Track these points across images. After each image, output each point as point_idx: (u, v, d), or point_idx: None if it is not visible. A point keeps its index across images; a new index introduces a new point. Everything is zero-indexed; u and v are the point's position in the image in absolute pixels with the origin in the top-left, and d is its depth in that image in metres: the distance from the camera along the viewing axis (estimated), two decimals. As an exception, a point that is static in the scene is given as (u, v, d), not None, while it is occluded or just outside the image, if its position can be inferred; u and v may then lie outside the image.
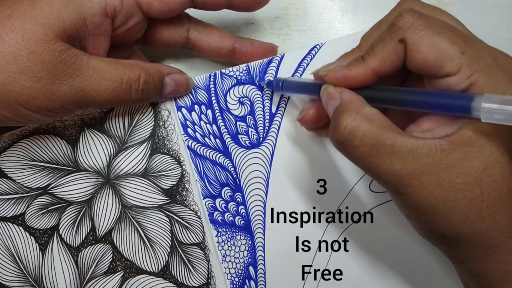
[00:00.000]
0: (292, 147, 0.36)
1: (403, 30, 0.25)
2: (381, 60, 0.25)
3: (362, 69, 0.26)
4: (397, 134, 0.24)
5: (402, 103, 0.25)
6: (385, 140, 0.24)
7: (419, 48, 0.24)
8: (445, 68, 0.24)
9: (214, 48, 0.35)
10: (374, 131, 0.24)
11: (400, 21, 0.25)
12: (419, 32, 0.24)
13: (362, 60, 0.26)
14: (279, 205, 0.35)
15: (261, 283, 0.35)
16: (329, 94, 0.27)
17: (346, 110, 0.25)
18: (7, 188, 0.35)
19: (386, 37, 0.25)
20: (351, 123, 0.24)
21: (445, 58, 0.24)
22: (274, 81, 0.34)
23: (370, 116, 0.24)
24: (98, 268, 0.35)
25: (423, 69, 0.25)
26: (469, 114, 0.22)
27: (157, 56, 0.38)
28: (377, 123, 0.24)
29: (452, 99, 0.23)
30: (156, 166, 0.36)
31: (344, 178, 0.35)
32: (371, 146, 0.24)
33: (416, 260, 0.35)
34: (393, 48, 0.25)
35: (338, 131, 0.25)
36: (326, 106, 0.27)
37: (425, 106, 0.24)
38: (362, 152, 0.24)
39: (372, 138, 0.24)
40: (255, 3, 0.35)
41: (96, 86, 0.30)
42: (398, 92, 0.25)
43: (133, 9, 0.31)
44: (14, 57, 0.27)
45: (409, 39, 0.24)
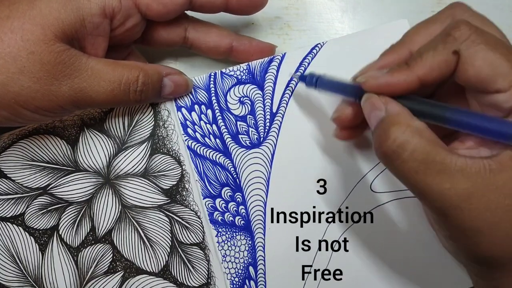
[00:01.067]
0: (292, 147, 0.36)
1: (459, 41, 0.24)
2: (429, 68, 0.25)
3: (406, 75, 0.25)
4: (447, 151, 0.23)
5: (443, 120, 0.24)
6: (435, 156, 0.23)
7: (473, 62, 0.24)
8: (497, 84, 0.23)
9: (212, 47, 0.35)
10: (424, 146, 0.23)
11: (457, 33, 0.24)
12: (475, 46, 0.24)
13: (406, 66, 0.25)
14: (279, 205, 0.35)
15: (261, 283, 0.35)
16: (373, 104, 0.26)
17: (396, 123, 0.24)
18: (6, 188, 0.35)
19: (439, 46, 0.25)
20: (401, 136, 0.23)
21: (499, 74, 0.23)
22: (307, 75, 0.33)
23: (420, 130, 0.24)
24: (98, 268, 0.35)
25: (473, 83, 0.24)
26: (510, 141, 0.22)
27: (157, 55, 0.38)
28: (427, 138, 0.23)
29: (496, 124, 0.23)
30: (156, 166, 0.36)
31: (345, 178, 0.35)
32: (420, 162, 0.23)
33: (416, 260, 0.35)
34: (445, 58, 0.25)
35: (386, 143, 0.24)
36: (369, 116, 0.26)
37: (466, 127, 0.24)
38: (411, 167, 0.23)
39: (422, 153, 0.23)
40: (252, 6, 0.34)
41: (94, 87, 0.30)
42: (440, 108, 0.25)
43: (131, 10, 0.31)
44: (13, 57, 0.27)
45: (464, 52, 0.24)
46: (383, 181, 0.35)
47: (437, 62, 0.25)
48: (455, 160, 0.23)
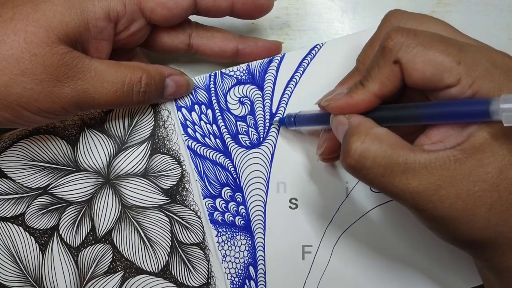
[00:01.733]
0: (292, 147, 0.36)
1: (395, 51, 0.24)
2: (380, 83, 0.25)
3: (363, 95, 0.26)
4: (409, 150, 0.24)
5: (416, 118, 0.25)
6: (397, 158, 0.23)
7: (414, 66, 0.24)
8: (445, 80, 0.23)
9: (217, 52, 0.35)
10: (385, 150, 0.24)
11: (390, 43, 0.24)
12: (411, 50, 0.24)
13: (362, 86, 0.26)
14: (279, 205, 0.35)
15: (261, 283, 0.35)
16: (338, 121, 0.27)
17: (355, 133, 0.25)
18: (7, 188, 0.35)
19: (380, 61, 0.25)
20: (360, 146, 0.24)
21: (443, 71, 0.23)
22: (285, 118, 0.34)
23: (379, 136, 0.24)
24: (98, 268, 0.35)
25: (422, 85, 0.24)
26: (488, 118, 0.22)
27: (158, 56, 0.38)
28: (387, 142, 0.24)
29: (469, 106, 0.23)
30: (156, 166, 0.36)
31: (345, 178, 0.35)
32: (384, 167, 0.24)
33: (416, 260, 0.35)
34: (389, 70, 0.25)
35: (349, 154, 0.24)
36: (337, 133, 0.27)
37: (440, 117, 0.24)
38: (376, 173, 0.24)
39: (384, 158, 0.24)
40: (257, 11, 0.34)
41: (97, 88, 0.29)
42: (411, 108, 0.25)
43: (136, 14, 0.31)
44: (16, 59, 0.27)
45: (403, 59, 0.24)
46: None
47: (385, 76, 0.25)
48: (418, 158, 0.23)
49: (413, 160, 0.23)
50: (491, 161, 0.23)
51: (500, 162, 0.23)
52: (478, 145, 0.23)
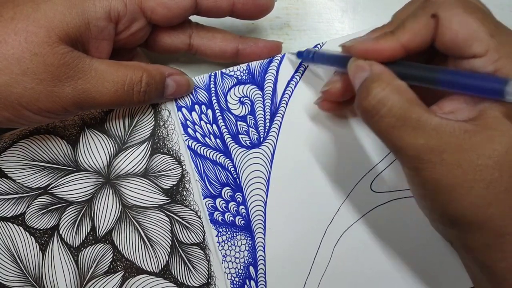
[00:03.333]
0: (292, 147, 0.36)
1: (436, 5, 0.25)
2: (411, 34, 0.25)
3: (391, 42, 0.26)
4: (424, 110, 0.24)
5: (434, 81, 0.25)
6: (412, 113, 0.24)
7: (450, 25, 0.24)
8: (473, 48, 0.24)
9: (217, 52, 0.35)
10: (402, 103, 0.24)
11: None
12: (452, 9, 0.24)
13: (391, 34, 0.26)
14: (279, 205, 0.35)
15: (262, 283, 0.35)
16: (358, 66, 0.27)
17: (377, 80, 0.25)
18: (7, 188, 0.35)
19: (419, 11, 0.25)
20: (381, 92, 0.24)
21: (475, 38, 0.24)
22: (304, 51, 0.34)
23: (400, 88, 0.24)
24: (98, 268, 0.35)
25: (451, 48, 0.25)
26: (501, 97, 0.22)
27: (159, 57, 0.38)
28: (406, 96, 0.24)
29: (486, 81, 0.23)
30: (156, 166, 0.36)
31: (345, 178, 0.35)
32: (397, 118, 0.24)
33: (416, 260, 0.35)
34: (425, 22, 0.25)
35: (367, 98, 0.25)
36: (354, 77, 0.27)
37: (457, 86, 0.24)
38: (388, 122, 0.24)
39: (400, 110, 0.24)
40: (258, 12, 0.35)
41: (98, 88, 0.30)
42: (430, 70, 0.25)
43: (136, 14, 0.31)
44: (16, 59, 0.27)
45: (441, 14, 0.24)
46: (383, 181, 0.35)
47: (418, 28, 0.25)
48: (431, 119, 0.24)
49: (426, 119, 0.24)
50: (500, 140, 0.23)
51: (509, 142, 0.23)
52: (491, 122, 0.23)
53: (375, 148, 0.36)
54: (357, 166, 0.35)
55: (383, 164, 0.35)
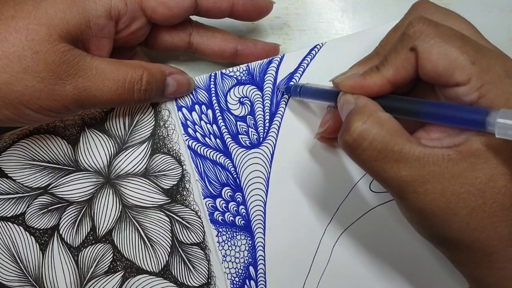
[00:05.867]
0: (292, 147, 0.36)
1: (413, 38, 0.24)
2: (395, 69, 0.25)
3: (377, 78, 0.26)
4: (406, 140, 0.24)
5: (417, 114, 0.25)
6: (394, 146, 0.24)
7: (429, 57, 0.24)
8: (455, 77, 0.23)
9: (216, 52, 0.36)
10: (383, 135, 0.24)
11: (411, 30, 0.25)
12: (429, 40, 0.24)
13: (377, 70, 0.26)
14: (279, 205, 0.35)
15: (261, 283, 0.35)
16: (345, 99, 0.27)
17: (359, 113, 0.25)
18: (7, 188, 0.35)
19: (398, 46, 0.25)
20: (361, 126, 0.24)
21: (455, 67, 0.23)
22: (292, 86, 0.34)
23: (381, 120, 0.24)
24: (98, 268, 0.35)
25: (433, 78, 0.24)
26: (483, 128, 0.22)
27: (158, 56, 0.38)
28: (388, 128, 0.24)
29: (467, 113, 0.23)
30: (156, 166, 0.36)
31: (344, 178, 0.35)
32: (379, 151, 0.24)
33: (416, 260, 0.35)
34: (405, 57, 0.25)
35: (348, 132, 0.25)
36: (341, 111, 0.27)
37: (439, 118, 0.24)
38: (370, 156, 0.24)
39: (381, 143, 0.24)
40: (257, 13, 0.35)
41: (99, 86, 0.30)
42: (414, 103, 0.25)
43: (137, 13, 0.31)
44: (17, 57, 0.27)
45: (419, 48, 0.24)
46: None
47: (400, 62, 0.25)
48: (413, 149, 0.24)
49: (408, 151, 0.24)
50: (483, 168, 0.23)
51: (492, 170, 0.23)
52: (474, 150, 0.23)
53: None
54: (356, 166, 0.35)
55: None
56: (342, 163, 0.35)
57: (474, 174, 0.23)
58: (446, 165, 0.23)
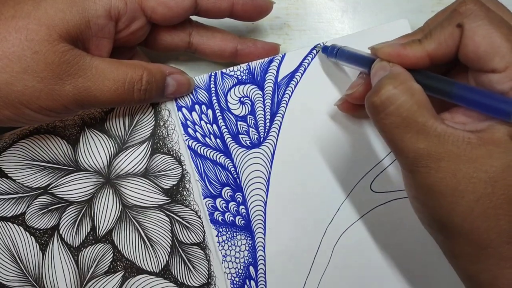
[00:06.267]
0: (293, 147, 0.36)
1: (463, 15, 0.25)
2: (437, 44, 0.26)
3: (417, 50, 0.26)
4: (431, 115, 0.24)
5: (448, 94, 0.25)
6: (418, 117, 0.24)
7: (473, 36, 0.24)
8: (493, 63, 0.24)
9: (216, 51, 0.36)
10: (411, 104, 0.24)
11: (462, 7, 0.25)
12: (478, 20, 0.24)
13: (418, 42, 0.26)
14: (279, 205, 0.35)
15: (262, 283, 0.35)
16: (380, 65, 0.27)
17: (392, 78, 0.25)
18: (7, 188, 0.35)
19: (445, 21, 0.26)
20: (392, 90, 0.24)
21: (496, 52, 0.23)
22: (329, 47, 0.34)
23: (412, 89, 0.25)
24: (99, 268, 0.35)
25: (472, 59, 0.25)
26: (508, 119, 0.22)
27: (158, 56, 0.38)
28: (417, 98, 0.24)
29: (496, 101, 0.23)
30: (156, 166, 0.36)
31: (345, 178, 0.35)
32: (403, 118, 0.24)
33: (417, 260, 0.35)
34: (450, 32, 0.25)
35: (377, 94, 0.25)
36: (374, 76, 0.27)
37: (469, 102, 0.24)
38: (393, 121, 0.24)
39: (407, 111, 0.24)
40: (257, 13, 0.35)
41: (99, 86, 0.30)
42: (447, 83, 0.25)
43: (137, 13, 0.31)
44: (17, 57, 0.27)
45: (466, 25, 0.24)
46: (383, 181, 0.35)
47: (443, 37, 0.25)
48: (436, 125, 0.24)
49: (431, 125, 0.24)
50: (500, 157, 0.23)
51: (508, 161, 0.23)
52: (495, 138, 0.23)
53: (375, 148, 0.36)
54: (357, 166, 0.35)
55: (383, 165, 0.35)
56: (343, 163, 0.35)
57: (490, 161, 0.23)
58: (464, 147, 0.23)
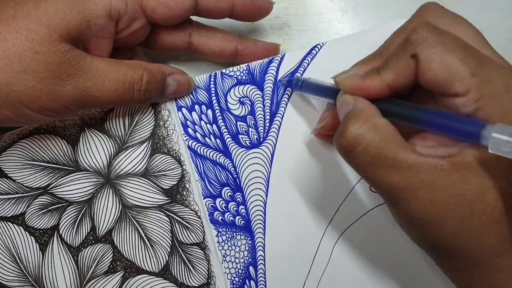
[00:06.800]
0: (292, 147, 0.36)
1: (415, 45, 0.24)
2: (395, 75, 0.25)
3: (376, 81, 0.26)
4: (400, 148, 0.24)
5: (414, 120, 0.25)
6: (388, 152, 0.24)
7: (430, 65, 0.24)
8: (454, 88, 0.23)
9: (216, 51, 0.36)
10: (378, 141, 0.24)
11: (414, 36, 0.24)
12: (431, 48, 0.24)
13: (377, 73, 0.26)
14: (279, 205, 0.35)
15: (261, 283, 0.35)
16: (344, 100, 0.27)
17: (356, 116, 0.25)
18: (7, 188, 0.35)
19: (400, 52, 0.25)
20: (357, 130, 0.24)
21: (455, 78, 0.23)
22: (294, 79, 0.34)
23: (377, 125, 0.24)
24: (98, 268, 0.35)
25: (432, 86, 0.24)
26: (477, 141, 0.22)
27: (158, 56, 0.38)
28: (383, 134, 0.24)
29: (463, 124, 0.23)
30: (156, 166, 0.36)
31: (344, 178, 0.35)
32: (372, 156, 0.24)
33: (415, 261, 0.35)
34: (406, 63, 0.25)
35: (343, 136, 0.25)
36: (339, 111, 0.27)
37: (435, 127, 0.24)
38: (364, 160, 0.24)
39: (375, 148, 0.24)
40: (257, 13, 0.35)
41: (99, 86, 0.30)
42: (412, 109, 0.25)
43: (137, 13, 0.31)
44: (17, 57, 0.27)
45: (420, 55, 0.24)
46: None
47: (400, 68, 0.25)
48: (407, 157, 0.24)
49: (401, 158, 0.24)
50: (474, 180, 0.23)
51: (484, 183, 0.23)
52: (467, 162, 0.23)
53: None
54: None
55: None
56: (342, 163, 0.35)
57: (465, 186, 0.23)
58: (438, 175, 0.23)
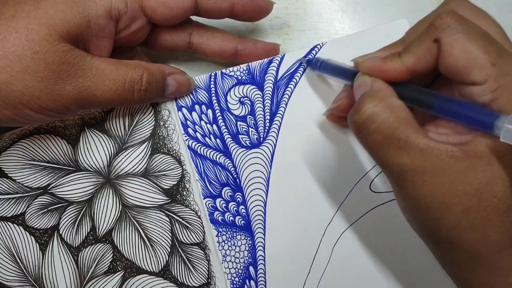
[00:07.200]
0: (292, 147, 0.36)
1: (439, 30, 0.24)
2: (416, 58, 0.25)
3: (397, 64, 0.26)
4: (413, 130, 0.24)
5: (429, 106, 0.25)
6: (400, 133, 0.24)
7: (451, 51, 0.24)
8: (472, 76, 0.23)
9: (216, 52, 0.36)
10: (392, 121, 0.24)
11: (438, 21, 0.25)
12: (454, 34, 0.24)
13: (398, 56, 0.26)
14: (279, 205, 0.35)
15: (261, 283, 0.35)
16: (362, 81, 0.27)
17: (372, 95, 0.25)
18: (7, 187, 0.35)
19: (423, 36, 0.25)
20: (372, 108, 0.25)
21: (474, 66, 0.23)
22: (313, 59, 0.35)
23: (393, 106, 0.25)
24: (98, 268, 0.35)
25: (451, 73, 0.24)
26: (490, 131, 0.22)
27: (158, 56, 0.38)
28: (398, 115, 0.24)
29: (477, 113, 0.23)
30: (156, 166, 0.36)
31: (345, 178, 0.35)
32: (385, 136, 0.24)
33: (416, 260, 0.35)
34: (428, 47, 0.25)
35: (358, 113, 0.25)
36: (356, 91, 0.27)
37: (450, 114, 0.24)
38: (375, 139, 0.24)
39: (388, 128, 0.24)
40: (257, 13, 0.35)
41: (99, 86, 0.30)
42: (428, 95, 0.25)
43: (137, 13, 0.31)
44: (17, 56, 0.27)
45: (443, 40, 0.24)
46: (383, 181, 0.35)
47: (421, 52, 0.25)
48: (419, 140, 0.24)
49: (413, 140, 0.24)
50: (484, 169, 0.23)
51: (493, 173, 0.23)
52: (478, 151, 0.23)
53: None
54: (356, 166, 0.35)
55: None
56: (342, 163, 0.35)
57: (474, 174, 0.23)
58: (448, 161, 0.23)
